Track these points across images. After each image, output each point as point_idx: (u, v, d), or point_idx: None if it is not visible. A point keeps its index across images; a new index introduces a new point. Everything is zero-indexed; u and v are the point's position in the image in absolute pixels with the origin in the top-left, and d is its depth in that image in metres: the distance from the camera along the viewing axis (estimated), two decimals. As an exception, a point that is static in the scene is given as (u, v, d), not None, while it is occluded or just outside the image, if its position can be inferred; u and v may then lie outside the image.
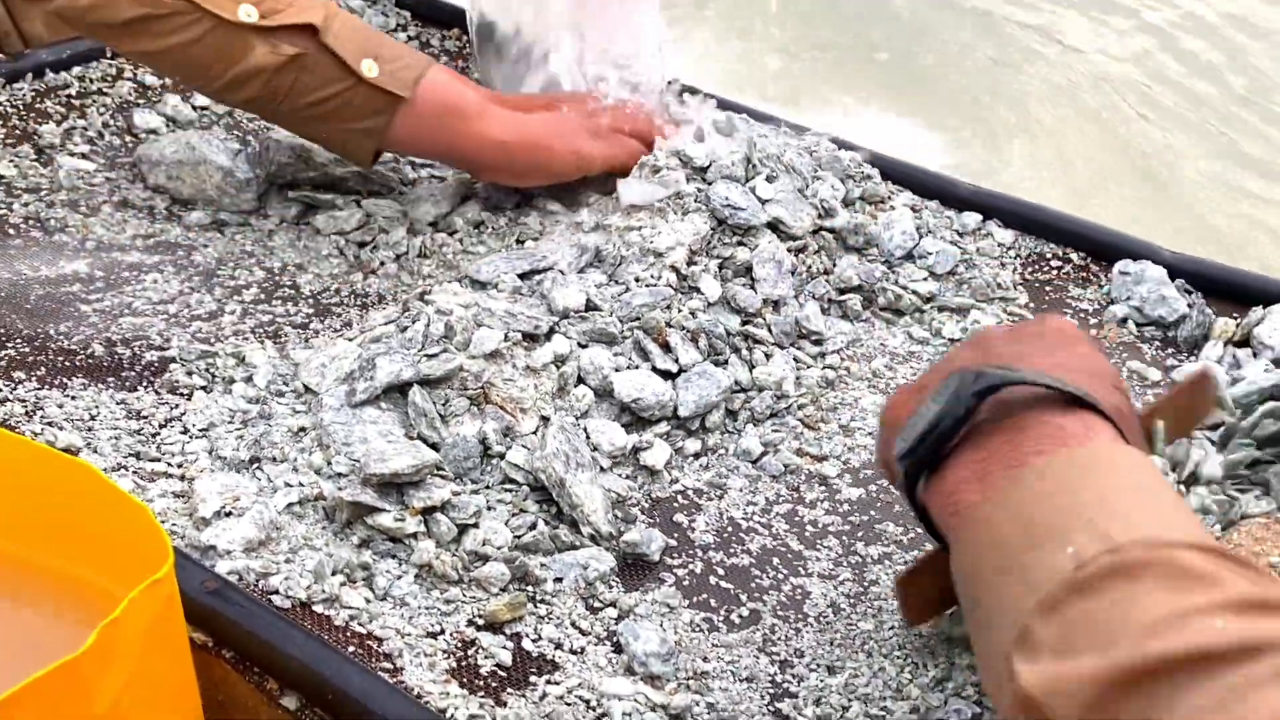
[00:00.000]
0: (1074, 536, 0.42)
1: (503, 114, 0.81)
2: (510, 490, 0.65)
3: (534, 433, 0.67)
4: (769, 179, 0.82)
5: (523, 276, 0.75)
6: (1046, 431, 0.47)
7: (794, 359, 0.76)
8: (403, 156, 0.89)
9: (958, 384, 0.49)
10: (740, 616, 0.60)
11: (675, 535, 0.65)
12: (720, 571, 0.63)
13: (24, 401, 0.67)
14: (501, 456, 0.66)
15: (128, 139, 0.92)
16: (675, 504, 0.67)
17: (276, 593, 0.57)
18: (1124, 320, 0.81)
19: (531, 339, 0.71)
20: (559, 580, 0.61)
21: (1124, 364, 0.78)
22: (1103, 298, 0.83)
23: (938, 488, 0.49)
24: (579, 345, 0.72)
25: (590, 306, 0.74)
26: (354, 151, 0.82)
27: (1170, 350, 0.79)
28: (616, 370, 0.71)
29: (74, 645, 0.41)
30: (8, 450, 0.49)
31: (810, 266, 0.81)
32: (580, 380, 0.71)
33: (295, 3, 0.77)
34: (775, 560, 0.64)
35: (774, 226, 0.80)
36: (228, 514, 0.60)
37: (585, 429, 0.68)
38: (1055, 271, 0.85)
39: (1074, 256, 0.86)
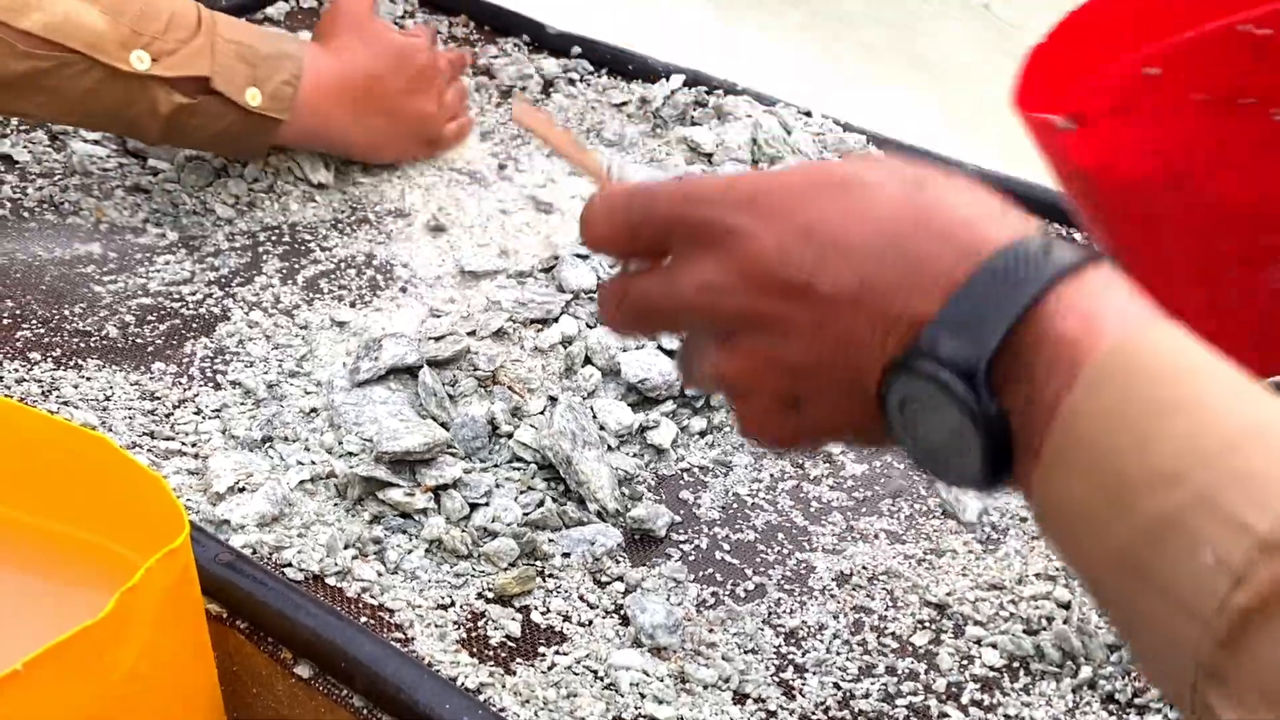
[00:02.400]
0: (1198, 526, 0.32)
1: (366, 125, 0.85)
2: (518, 469, 0.66)
3: (541, 412, 0.68)
4: (774, 160, 0.82)
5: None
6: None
7: (799, 338, 0.77)
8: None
9: (947, 390, 0.35)
10: (746, 590, 0.61)
11: (681, 512, 0.66)
12: (726, 547, 0.64)
13: (40, 381, 0.69)
14: (510, 436, 0.67)
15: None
16: (681, 481, 0.68)
17: (289, 566, 0.58)
18: None
19: (541, 321, 0.72)
20: (566, 555, 0.62)
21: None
22: None
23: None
24: (586, 326, 0.73)
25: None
26: (249, 158, 0.87)
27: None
28: (624, 350, 0.72)
29: (94, 611, 0.42)
30: (27, 425, 0.50)
31: (815, 247, 0.82)
32: (588, 360, 0.72)
33: (183, 40, 0.77)
34: (780, 535, 0.65)
35: (779, 207, 0.81)
36: (241, 489, 0.61)
37: (592, 408, 0.69)
38: (1059, 252, 0.86)
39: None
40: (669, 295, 0.42)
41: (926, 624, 0.59)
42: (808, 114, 0.91)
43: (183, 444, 0.65)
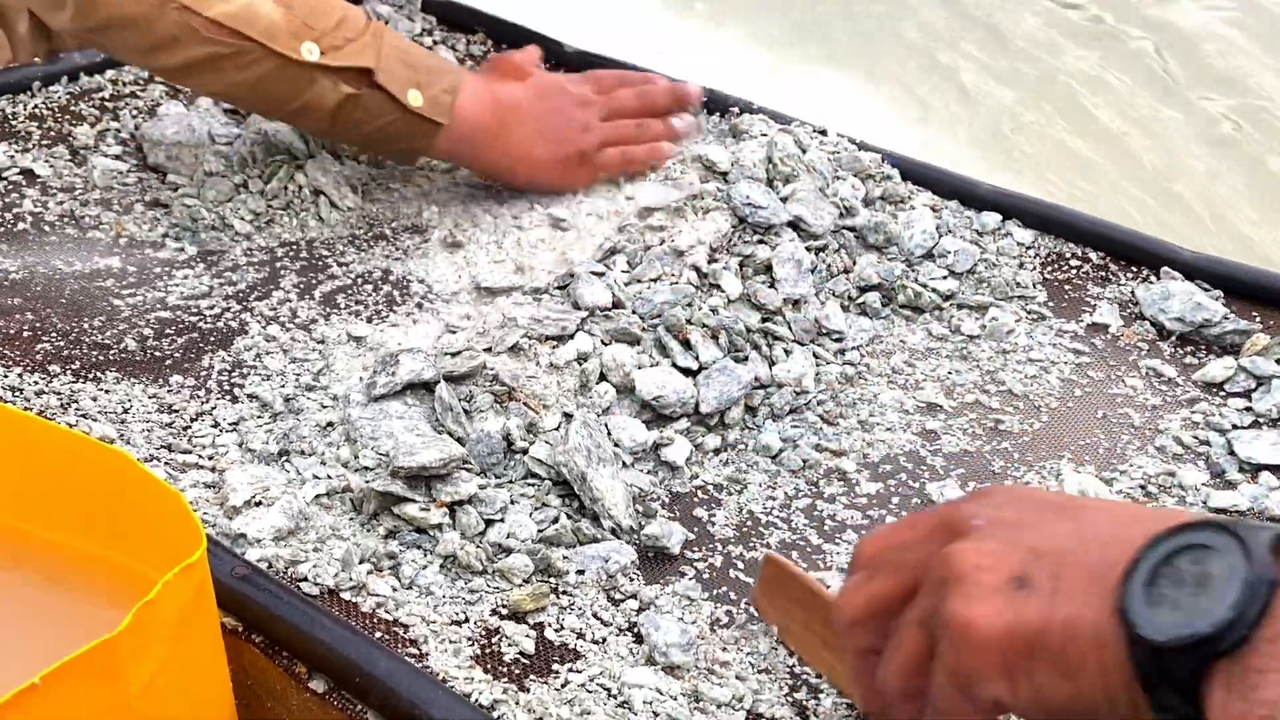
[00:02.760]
0: None
1: (516, 137, 0.86)
2: (533, 484, 0.66)
3: (556, 429, 0.68)
4: (790, 178, 0.82)
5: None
6: None
7: (814, 355, 0.77)
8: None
9: (1243, 545, 0.38)
10: (760, 609, 0.61)
11: (695, 529, 0.66)
12: (740, 565, 0.64)
13: (59, 394, 0.69)
14: (524, 452, 0.67)
15: (159, 140, 0.94)
16: (695, 499, 0.68)
17: (305, 580, 0.58)
18: (1139, 319, 0.81)
19: (556, 337, 0.72)
20: (581, 572, 0.62)
21: (1143, 362, 0.78)
22: (1125, 300, 0.83)
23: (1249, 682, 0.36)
24: (601, 343, 0.73)
25: (616, 304, 0.75)
26: (403, 161, 0.90)
27: (1189, 348, 0.79)
28: (639, 367, 0.72)
29: (111, 626, 0.42)
30: (47, 439, 0.50)
31: (830, 265, 0.82)
32: (602, 377, 0.72)
33: (350, 39, 0.82)
34: (794, 554, 0.64)
35: (795, 225, 0.81)
36: (258, 503, 0.61)
37: (607, 425, 0.69)
38: (1074, 270, 0.86)
39: (1093, 256, 0.86)
40: (913, 530, 0.47)
41: (941, 644, 0.59)
42: (823, 132, 0.92)
43: (200, 457, 0.66)
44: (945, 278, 0.84)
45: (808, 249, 0.81)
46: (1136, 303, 0.82)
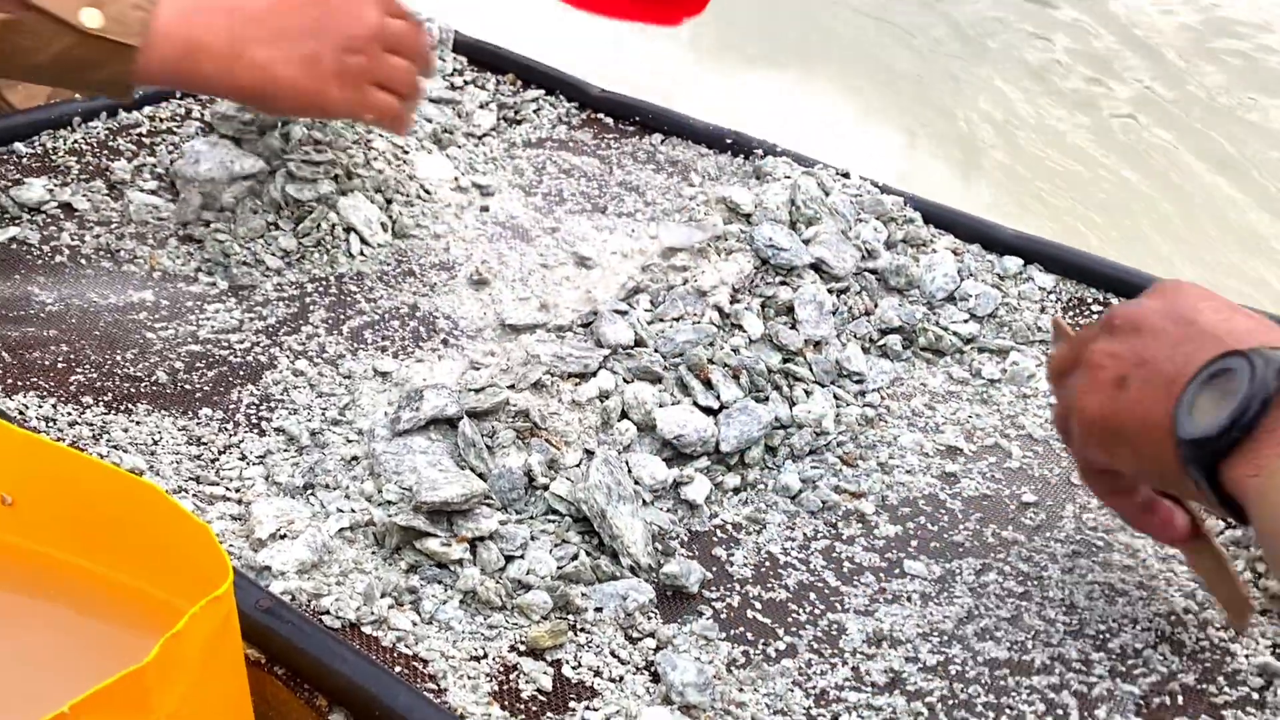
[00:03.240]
0: None
1: (254, 55, 0.74)
2: (553, 521, 0.67)
3: (577, 465, 0.69)
4: (812, 221, 0.83)
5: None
6: None
7: (834, 396, 0.77)
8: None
9: (1252, 369, 0.51)
10: (777, 650, 0.61)
11: (714, 569, 0.66)
12: (758, 605, 0.64)
13: (92, 425, 0.70)
14: (545, 488, 0.67)
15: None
16: (714, 538, 0.68)
17: (327, 613, 0.59)
18: None
19: (579, 375, 0.73)
20: (599, 610, 0.62)
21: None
22: None
23: (1249, 459, 0.51)
24: (623, 380, 0.74)
25: (638, 343, 0.76)
26: (110, 95, 0.76)
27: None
28: (660, 406, 0.73)
29: (137, 656, 0.43)
30: (78, 470, 0.51)
31: (852, 307, 0.83)
32: (624, 415, 0.72)
33: None
34: (812, 595, 0.65)
35: (817, 267, 0.82)
36: (282, 536, 0.62)
37: (627, 463, 0.70)
38: (1096, 315, 0.86)
39: (1115, 301, 0.87)
40: (1101, 319, 0.62)
41: (957, 690, 0.59)
42: (845, 175, 0.93)
43: (227, 489, 0.67)
44: (966, 321, 0.85)
45: (829, 291, 0.82)
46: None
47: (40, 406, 0.71)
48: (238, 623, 0.49)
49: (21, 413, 0.70)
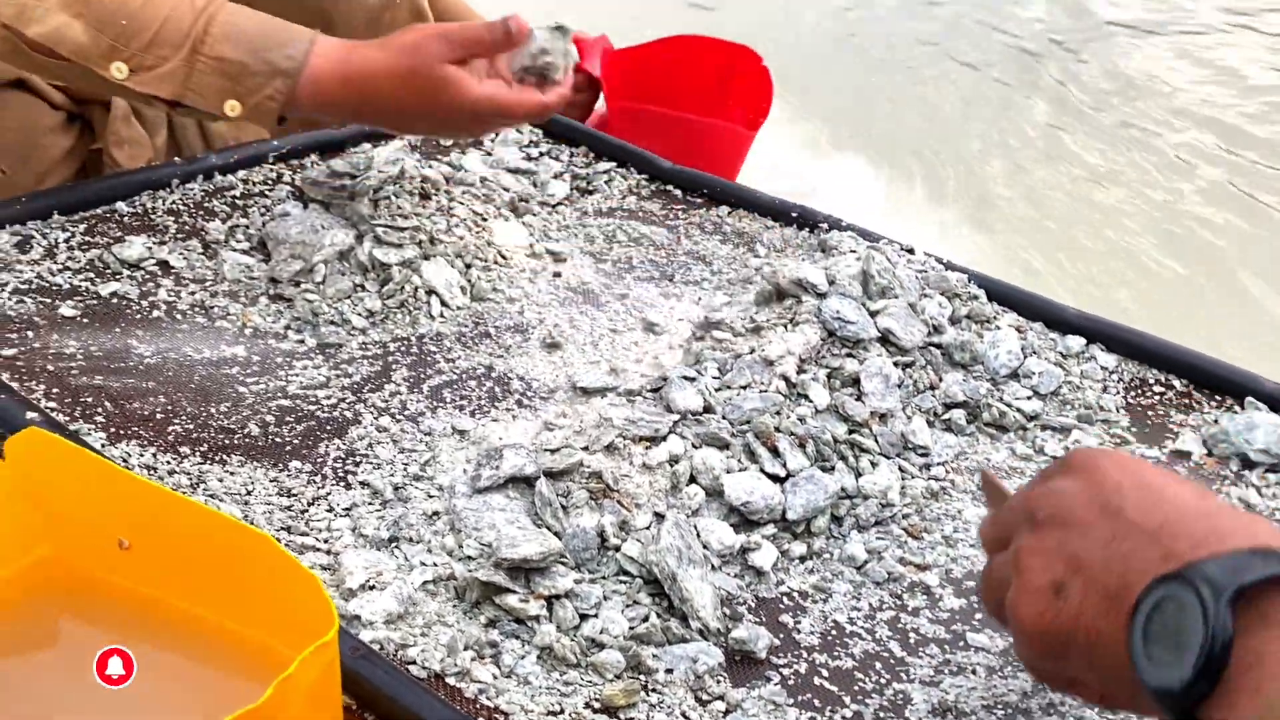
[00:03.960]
0: None
1: (381, 112, 0.91)
2: (624, 581, 0.69)
3: (647, 528, 0.71)
4: (885, 292, 0.86)
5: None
6: None
7: (899, 468, 0.79)
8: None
9: (1203, 606, 0.45)
10: (844, 717, 0.63)
11: (780, 635, 0.68)
12: (824, 673, 0.65)
13: (189, 474, 0.74)
14: (617, 549, 0.70)
15: (283, 236, 1.00)
16: (781, 605, 0.70)
17: (414, 663, 0.61)
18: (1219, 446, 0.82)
19: (649, 439, 0.76)
20: (670, 671, 0.64)
21: (1227, 490, 0.79)
22: (1208, 437, 0.84)
23: (1224, 705, 0.45)
24: (692, 446, 0.76)
25: (706, 409, 0.78)
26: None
27: (1275, 478, 0.80)
28: (728, 471, 0.75)
29: (244, 699, 0.46)
30: (193, 517, 0.55)
31: (917, 381, 0.85)
32: (693, 479, 0.75)
33: (164, 57, 0.84)
34: (878, 665, 0.66)
35: (885, 340, 0.84)
36: (371, 587, 0.65)
37: (696, 527, 0.72)
38: (1157, 397, 0.87)
39: (1176, 383, 0.88)
40: (1022, 496, 0.57)
41: (1023, 763, 0.60)
42: (910, 250, 0.95)
43: (316, 540, 0.70)
44: (1030, 398, 0.86)
45: (895, 364, 0.84)
46: (1224, 433, 0.83)
47: (142, 455, 0.75)
48: (339, 669, 0.52)
49: (125, 460, 0.74)
